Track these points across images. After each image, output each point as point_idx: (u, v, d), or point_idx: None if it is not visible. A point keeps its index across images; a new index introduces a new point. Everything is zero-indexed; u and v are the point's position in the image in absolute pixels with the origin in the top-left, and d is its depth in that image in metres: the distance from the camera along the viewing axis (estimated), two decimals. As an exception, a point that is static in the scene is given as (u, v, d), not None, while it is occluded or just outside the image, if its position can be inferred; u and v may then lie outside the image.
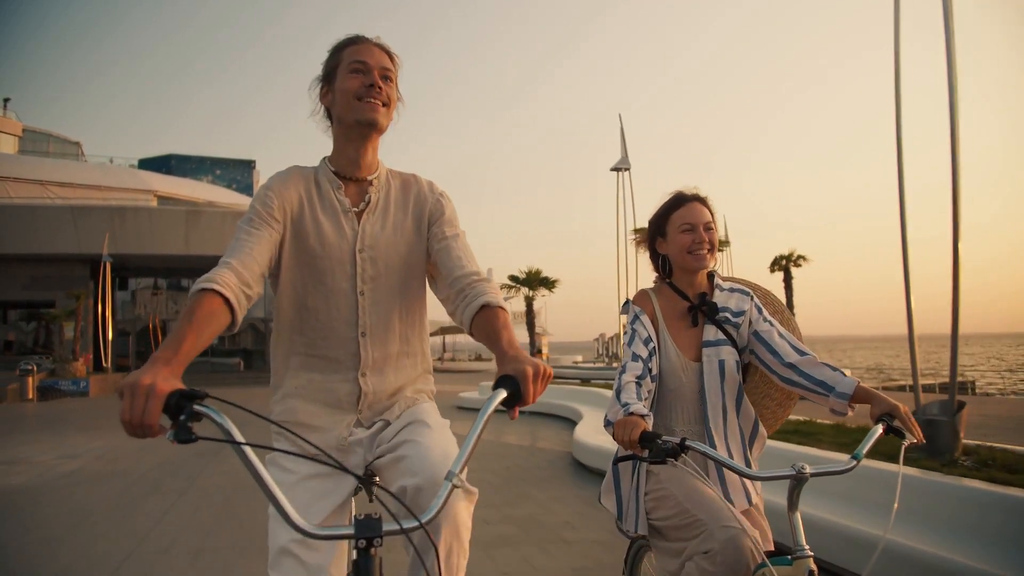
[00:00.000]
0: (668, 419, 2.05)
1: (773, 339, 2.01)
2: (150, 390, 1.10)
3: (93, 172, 33.76)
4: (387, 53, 1.71)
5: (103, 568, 3.99)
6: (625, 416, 1.71)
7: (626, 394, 1.82)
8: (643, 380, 1.89)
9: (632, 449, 1.65)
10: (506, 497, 5.79)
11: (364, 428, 1.69)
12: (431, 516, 1.14)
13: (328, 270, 1.66)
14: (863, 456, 1.61)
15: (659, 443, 1.58)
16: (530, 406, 1.28)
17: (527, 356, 1.32)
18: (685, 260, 2.06)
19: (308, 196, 1.69)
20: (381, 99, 1.66)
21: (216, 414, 1.11)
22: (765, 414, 2.19)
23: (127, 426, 1.11)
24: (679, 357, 2.04)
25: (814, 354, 1.96)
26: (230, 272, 1.46)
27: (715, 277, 2.15)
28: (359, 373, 1.68)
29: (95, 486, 6.62)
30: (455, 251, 1.68)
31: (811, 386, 1.91)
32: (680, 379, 2.02)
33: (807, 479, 1.58)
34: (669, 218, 2.10)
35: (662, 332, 2.06)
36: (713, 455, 1.61)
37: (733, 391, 2.03)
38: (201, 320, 1.35)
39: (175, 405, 1.10)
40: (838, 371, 1.89)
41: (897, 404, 1.72)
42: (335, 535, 1.15)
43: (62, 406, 17.22)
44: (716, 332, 2.04)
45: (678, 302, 2.10)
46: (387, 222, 1.72)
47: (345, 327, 1.67)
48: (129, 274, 29.63)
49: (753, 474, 1.63)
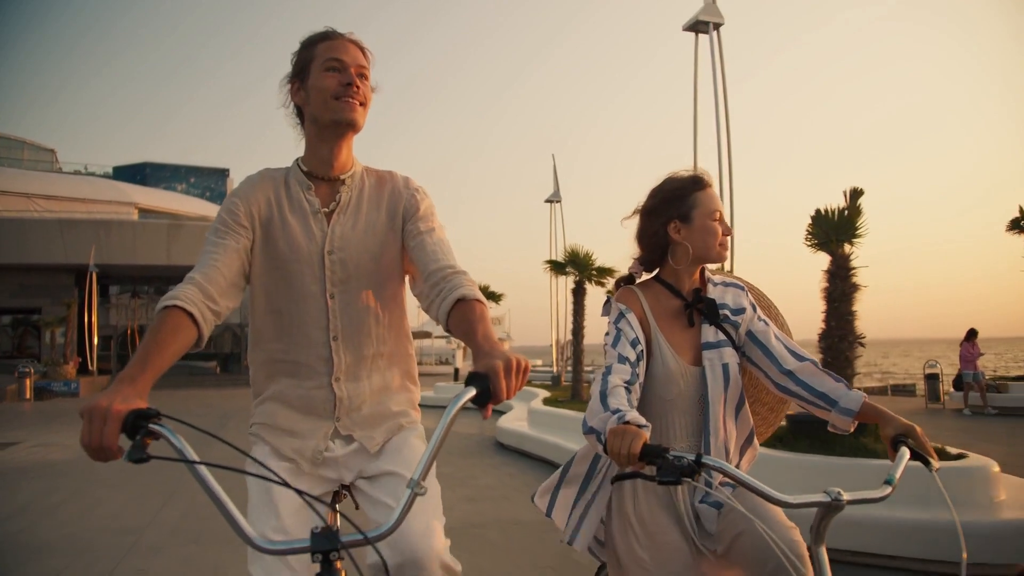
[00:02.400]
0: (664, 433, 1.78)
1: (770, 341, 1.78)
2: (107, 412, 1.11)
3: (78, 185, 35.26)
4: (361, 50, 1.66)
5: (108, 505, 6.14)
6: (620, 425, 1.44)
7: (615, 399, 1.55)
8: (632, 385, 1.64)
9: (631, 465, 1.38)
10: (447, 466, 8.11)
11: (343, 442, 1.64)
12: (386, 529, 1.09)
13: (297, 273, 1.62)
14: (896, 481, 1.41)
15: (669, 458, 1.30)
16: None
17: (502, 350, 1.24)
18: (711, 252, 1.80)
19: (277, 198, 1.65)
20: (359, 98, 1.61)
21: (170, 433, 1.12)
22: (756, 421, 1.97)
23: (87, 450, 1.12)
24: (677, 362, 1.77)
25: (814, 360, 1.74)
26: (194, 288, 1.46)
27: (705, 271, 1.90)
28: (332, 379, 1.63)
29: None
30: (429, 246, 1.61)
31: (811, 398, 1.69)
32: (679, 387, 1.76)
33: (843, 507, 1.33)
34: (693, 200, 1.80)
35: (655, 334, 1.80)
36: (736, 474, 1.34)
37: (735, 398, 1.79)
38: (166, 337, 1.36)
39: (131, 425, 1.11)
40: (842, 382, 1.68)
41: (912, 425, 1.54)
42: (289, 549, 1.10)
43: (57, 405, 18.99)
44: (716, 332, 1.79)
45: (670, 300, 1.84)
46: (359, 221, 1.66)
47: (316, 331, 1.63)
48: (111, 282, 31.27)
49: (782, 500, 1.33)
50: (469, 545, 4.62)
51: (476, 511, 5.71)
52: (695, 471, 1.29)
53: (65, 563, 4.24)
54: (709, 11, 8.75)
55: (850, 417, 1.63)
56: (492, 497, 6.27)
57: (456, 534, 1.25)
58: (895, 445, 1.52)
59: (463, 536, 4.84)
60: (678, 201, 1.81)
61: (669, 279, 1.85)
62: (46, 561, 4.31)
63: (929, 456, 1.49)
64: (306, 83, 1.63)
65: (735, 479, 1.35)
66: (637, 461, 1.36)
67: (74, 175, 45.41)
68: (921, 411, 13.97)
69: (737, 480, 1.34)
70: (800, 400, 1.72)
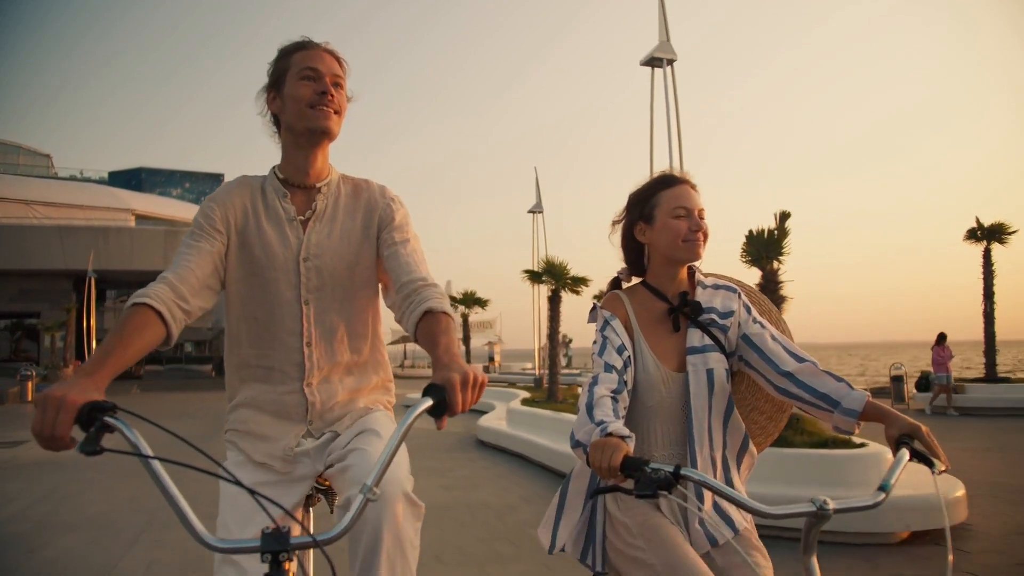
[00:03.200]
0: (644, 442, 1.73)
1: (766, 343, 1.71)
2: (61, 403, 1.11)
3: (76, 192, 35.92)
4: (337, 59, 1.67)
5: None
6: (602, 437, 1.39)
7: (600, 410, 1.50)
8: (619, 395, 1.58)
9: (611, 478, 1.33)
10: (428, 461, 8.85)
11: (313, 439, 1.65)
12: (335, 534, 1.09)
13: (272, 280, 1.63)
14: (892, 487, 1.33)
15: (647, 471, 1.26)
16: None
17: (460, 363, 1.27)
18: (677, 250, 1.74)
19: (253, 205, 1.67)
20: (333, 107, 1.63)
21: (125, 427, 1.11)
22: (754, 429, 1.90)
23: (38, 438, 1.12)
24: (659, 368, 1.72)
25: (814, 361, 1.67)
26: (165, 286, 1.46)
27: (696, 273, 1.84)
28: (305, 384, 1.64)
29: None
30: (403, 257, 1.63)
31: (812, 399, 1.61)
32: (661, 394, 1.70)
33: (830, 516, 1.26)
34: (656, 199, 1.77)
35: (638, 340, 1.74)
36: (717, 487, 1.29)
37: (722, 405, 1.72)
38: (131, 333, 1.36)
39: (86, 417, 1.11)
40: (843, 382, 1.60)
41: (918, 424, 1.44)
42: (239, 548, 1.09)
43: None
44: (702, 337, 1.73)
45: (655, 304, 1.78)
46: (334, 229, 1.67)
47: (290, 337, 1.64)
48: (108, 287, 31.93)
49: (765, 511, 1.26)
50: (439, 523, 5.36)
51: (450, 496, 6.46)
52: (672, 484, 1.25)
53: (92, 536, 4.97)
54: (663, 48, 9.74)
55: (854, 418, 1.55)
56: (465, 486, 7.02)
57: (428, 514, 1.52)
58: (898, 446, 1.44)
59: (435, 516, 5.58)
60: (642, 202, 1.80)
61: (653, 282, 1.81)
62: (76, 535, 5.05)
63: (935, 457, 1.40)
64: (282, 92, 1.66)
65: (715, 491, 1.30)
66: (618, 474, 1.31)
67: (71, 180, 46.05)
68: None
69: (717, 492, 1.30)
70: (801, 403, 1.64)
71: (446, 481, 7.27)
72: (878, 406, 1.54)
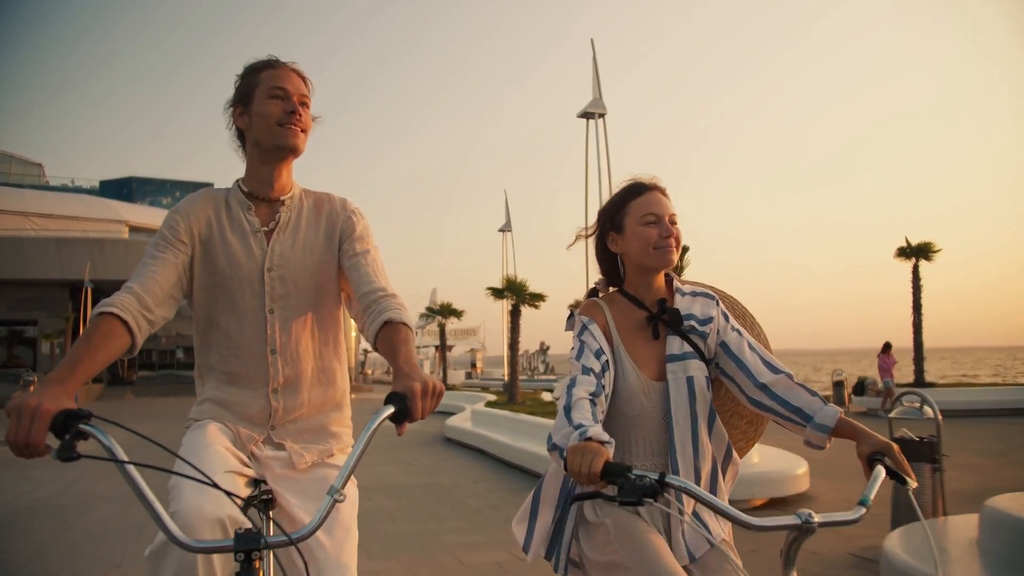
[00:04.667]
0: (625, 452, 1.69)
1: (743, 353, 1.69)
2: (36, 411, 1.14)
3: (71, 204, 37.06)
4: (303, 79, 1.74)
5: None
6: (581, 441, 1.35)
7: (578, 412, 1.47)
8: (597, 397, 1.55)
9: (591, 484, 1.30)
10: (398, 453, 10.27)
11: (272, 448, 1.69)
12: (307, 532, 1.15)
13: (238, 290, 1.68)
14: (871, 502, 1.34)
15: (631, 478, 1.23)
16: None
17: (420, 373, 1.32)
18: (648, 257, 1.71)
19: (217, 217, 1.71)
20: (301, 125, 1.69)
21: (101, 433, 1.14)
22: (735, 435, 1.86)
23: (12, 447, 1.14)
24: (639, 377, 1.68)
25: (789, 373, 1.65)
26: (130, 296, 1.50)
27: (674, 280, 1.81)
28: (270, 390, 1.69)
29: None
30: (364, 267, 1.68)
31: (786, 413, 1.60)
32: (641, 403, 1.67)
33: (814, 530, 1.28)
34: (626, 209, 1.76)
35: (617, 348, 1.71)
36: (702, 496, 1.29)
37: (704, 412, 1.68)
38: (97, 342, 1.40)
39: (61, 424, 1.13)
40: (817, 396, 1.60)
41: (888, 442, 1.46)
42: (213, 548, 1.15)
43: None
44: (681, 344, 1.70)
45: (633, 312, 1.75)
46: (297, 241, 1.73)
47: (256, 345, 1.68)
48: (103, 296, 33.07)
49: (752, 523, 1.26)
50: (398, 497, 6.78)
51: (411, 479, 7.90)
52: (658, 492, 1.22)
53: (123, 507, 6.35)
54: (595, 104, 11.31)
55: (826, 434, 1.55)
56: (426, 471, 8.46)
57: (391, 490, 1.95)
58: (871, 463, 1.44)
59: (395, 492, 7.02)
60: (612, 213, 1.79)
61: (630, 291, 1.79)
62: (113, 504, 6.44)
63: (906, 475, 1.42)
64: (250, 108, 1.70)
65: (701, 500, 1.29)
66: (598, 480, 1.27)
67: (66, 192, 47.08)
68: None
69: (703, 501, 1.29)
70: (774, 415, 1.63)
71: (410, 468, 8.69)
72: (850, 423, 1.54)
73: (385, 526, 5.53)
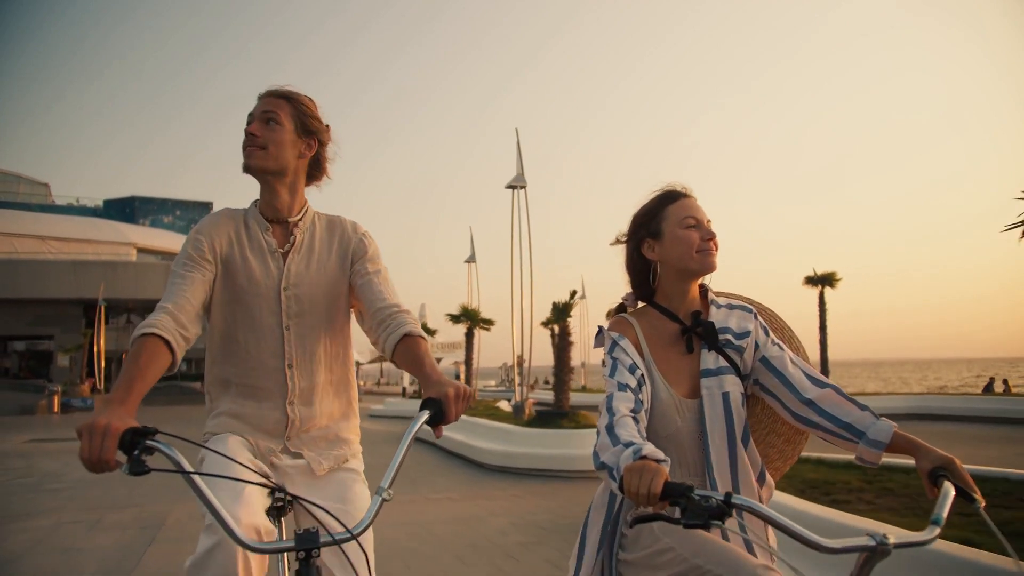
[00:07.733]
0: None
1: (786, 367, 1.63)
2: (106, 430, 1.22)
3: (85, 228, 39.99)
4: (278, 96, 1.77)
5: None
6: (637, 460, 1.29)
7: (623, 430, 1.41)
8: (638, 414, 1.51)
9: (650, 505, 1.23)
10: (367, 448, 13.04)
11: (289, 456, 1.77)
12: (363, 528, 1.24)
13: (256, 306, 1.75)
14: (944, 520, 1.28)
15: (695, 499, 1.16)
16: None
17: (449, 379, 1.43)
18: (691, 261, 1.65)
19: (237, 237, 1.79)
20: (257, 143, 1.73)
21: (167, 448, 1.23)
22: (771, 453, 1.79)
23: (86, 463, 1.23)
24: (671, 395, 1.62)
25: (836, 386, 1.59)
26: (167, 316, 1.58)
27: (708, 292, 1.76)
28: (287, 402, 1.76)
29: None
30: (377, 286, 1.77)
31: (835, 429, 1.53)
32: (675, 422, 1.61)
33: (890, 551, 1.21)
34: (663, 213, 1.70)
35: (648, 364, 1.65)
36: (770, 515, 1.20)
37: (740, 430, 1.62)
38: (146, 363, 1.49)
39: (129, 441, 1.22)
40: (867, 410, 1.53)
41: (950, 457, 1.39)
42: (278, 548, 1.25)
43: (78, 417, 23.19)
44: (716, 358, 1.64)
45: (665, 325, 1.69)
46: (312, 261, 1.81)
47: (272, 359, 1.76)
48: (114, 314, 35.96)
49: (824, 544, 1.18)
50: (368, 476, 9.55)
51: (377, 464, 10.64)
52: (725, 512, 1.15)
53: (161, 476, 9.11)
54: (518, 179, 14.20)
55: (880, 450, 1.47)
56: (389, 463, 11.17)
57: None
58: (934, 479, 1.38)
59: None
60: (648, 219, 1.73)
61: (663, 303, 1.72)
62: (138, 489, 7.89)
63: (971, 491, 1.34)
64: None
65: (770, 520, 1.19)
66: (658, 501, 1.21)
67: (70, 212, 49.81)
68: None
69: (772, 523, 1.19)
70: (823, 432, 1.56)
71: (378, 459, 11.34)
72: (907, 437, 1.46)
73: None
